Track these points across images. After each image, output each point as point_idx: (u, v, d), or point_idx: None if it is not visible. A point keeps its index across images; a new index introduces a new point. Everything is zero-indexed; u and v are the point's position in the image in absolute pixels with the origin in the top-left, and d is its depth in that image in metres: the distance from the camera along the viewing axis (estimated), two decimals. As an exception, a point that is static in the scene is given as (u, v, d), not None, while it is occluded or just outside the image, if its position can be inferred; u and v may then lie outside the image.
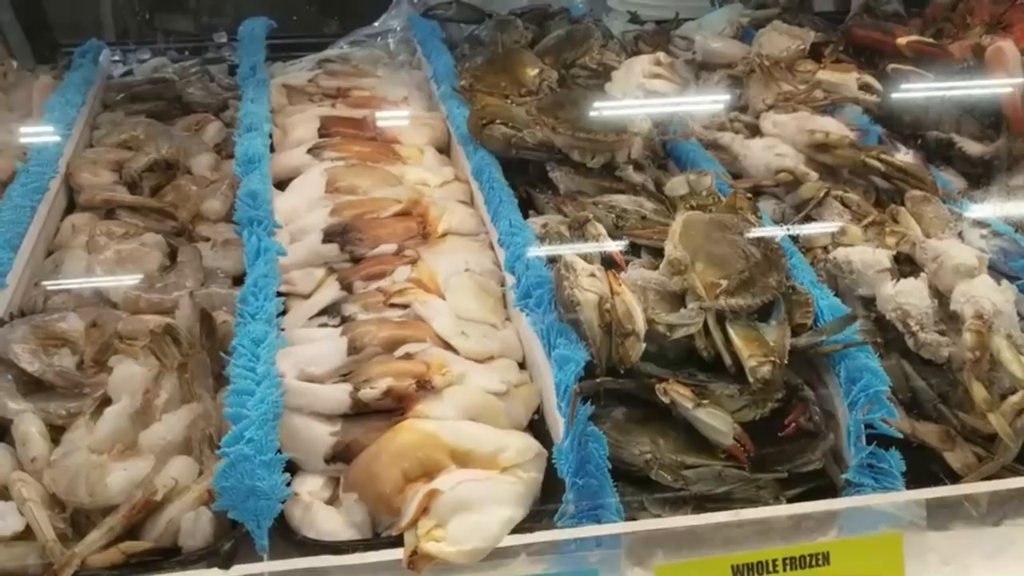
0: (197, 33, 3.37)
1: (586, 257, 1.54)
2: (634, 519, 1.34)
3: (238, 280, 1.71)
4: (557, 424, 1.39)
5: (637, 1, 4.12)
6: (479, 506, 1.30)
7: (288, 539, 1.31)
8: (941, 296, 1.56)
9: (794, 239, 1.72)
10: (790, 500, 1.41)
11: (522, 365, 1.59)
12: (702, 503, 1.36)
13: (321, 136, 2.16)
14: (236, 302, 1.53)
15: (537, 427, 1.48)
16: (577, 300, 1.42)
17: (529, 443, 1.40)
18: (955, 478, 1.46)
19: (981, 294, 1.50)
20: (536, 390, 1.52)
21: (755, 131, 2.09)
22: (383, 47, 2.83)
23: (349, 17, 3.11)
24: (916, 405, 1.57)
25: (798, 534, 1.37)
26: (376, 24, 2.91)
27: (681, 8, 3.60)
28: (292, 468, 1.42)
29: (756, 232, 1.54)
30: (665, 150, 2.05)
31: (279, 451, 1.33)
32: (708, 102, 2.24)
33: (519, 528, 1.31)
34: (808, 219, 1.79)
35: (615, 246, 1.56)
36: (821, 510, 1.35)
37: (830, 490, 1.43)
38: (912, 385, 1.57)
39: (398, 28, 2.87)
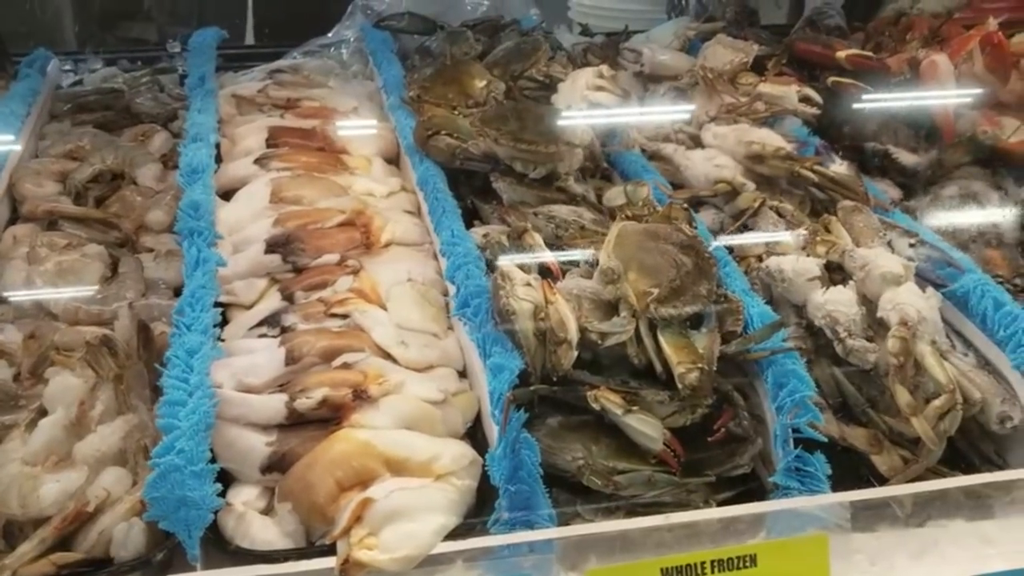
0: (159, 42, 3.35)
1: (524, 267, 1.57)
2: (567, 524, 1.36)
3: (180, 291, 1.71)
4: (493, 432, 1.41)
5: (598, 12, 4.20)
6: (412, 514, 1.31)
7: (222, 549, 1.32)
8: (869, 303, 1.61)
9: (730, 248, 1.75)
10: (721, 503, 1.44)
11: (464, 374, 1.61)
12: (634, 508, 1.39)
13: (269, 146, 2.17)
14: (173, 313, 1.53)
15: (477, 434, 1.50)
16: (512, 309, 1.44)
17: (464, 451, 1.41)
18: (883, 481, 1.51)
19: (906, 301, 1.55)
20: (475, 398, 1.53)
21: (699, 142, 2.13)
22: (336, 57, 2.84)
23: (308, 26, 3.12)
24: (846, 410, 1.61)
25: (727, 537, 1.40)
26: (330, 35, 2.92)
27: (640, 20, 3.68)
28: (230, 478, 1.43)
29: (689, 241, 1.57)
30: (609, 161, 2.08)
31: (212, 461, 1.34)
32: (656, 113, 2.28)
33: (453, 535, 1.32)
34: (745, 228, 1.83)
35: (551, 256, 1.58)
36: (749, 513, 1.38)
37: (761, 493, 1.46)
38: (842, 390, 1.61)
39: (352, 39, 2.89)
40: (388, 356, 1.55)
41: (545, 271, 1.57)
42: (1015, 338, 1.53)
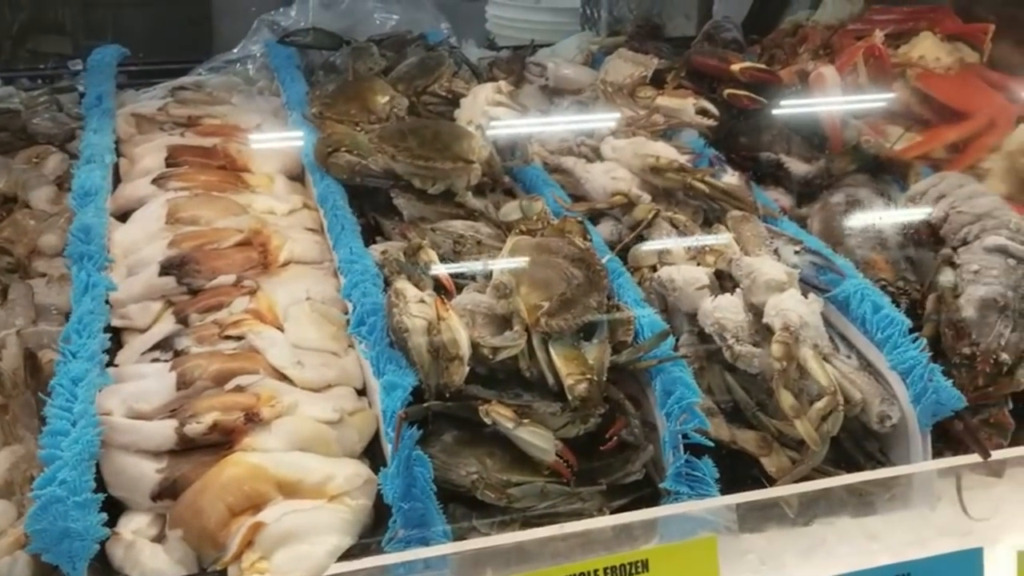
0: (76, 57, 3.27)
1: (419, 283, 1.58)
2: (463, 539, 1.37)
3: (72, 317, 1.67)
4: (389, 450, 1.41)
5: (515, 24, 4.24)
6: (305, 536, 1.31)
7: (110, 580, 1.30)
8: (756, 310, 1.66)
9: (624, 259, 1.79)
10: (616, 511, 1.47)
11: (364, 392, 1.61)
12: (530, 519, 1.41)
13: (169, 166, 2.14)
14: (60, 340, 1.50)
15: (377, 453, 1.50)
16: (405, 327, 1.45)
17: (359, 470, 1.42)
18: (773, 482, 1.56)
19: (789, 307, 1.60)
20: (373, 417, 1.54)
21: (601, 155, 2.17)
22: (243, 73, 2.82)
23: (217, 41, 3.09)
24: (738, 413, 1.66)
25: (622, 544, 1.43)
26: (235, 50, 2.89)
27: (555, 32, 3.73)
28: (124, 507, 1.41)
29: (580, 254, 1.60)
30: (512, 175, 2.10)
31: (103, 490, 1.32)
32: (559, 126, 2.31)
33: (347, 555, 1.32)
34: (641, 239, 1.87)
35: (445, 272, 1.60)
36: (640, 519, 1.41)
37: (658, 499, 1.50)
38: (733, 395, 1.66)
39: (258, 54, 2.87)
40: (284, 377, 1.55)
41: (441, 287, 1.59)
42: (892, 340, 1.60)
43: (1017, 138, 2.09)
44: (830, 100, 2.19)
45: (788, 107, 2.29)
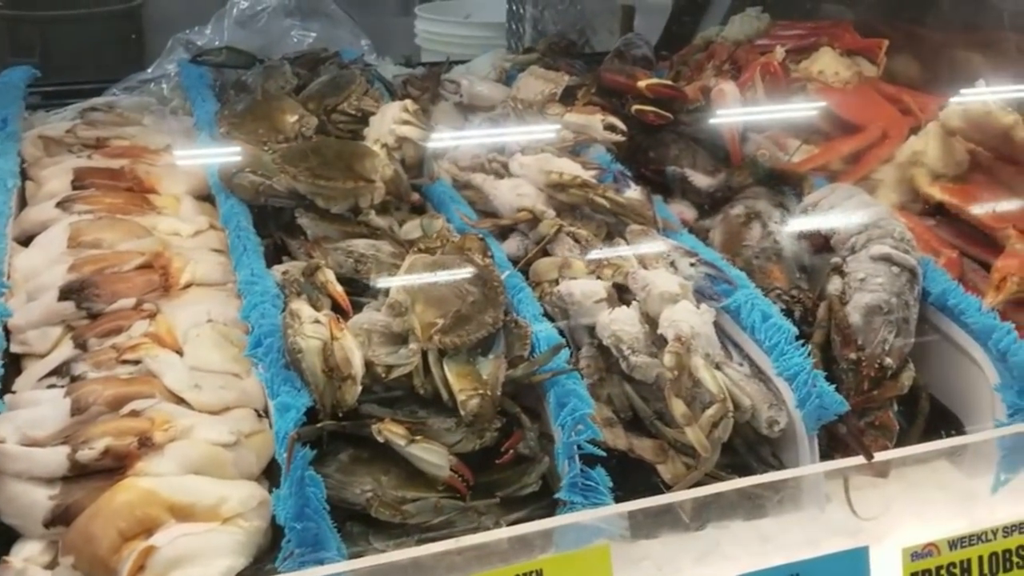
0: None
1: (317, 303, 1.59)
2: (360, 556, 1.39)
3: (-34, 345, 1.65)
4: (286, 470, 1.42)
5: (444, 39, 4.27)
6: (197, 559, 1.32)
7: (-2, 610, 1.28)
8: (652, 321, 1.70)
9: (526, 274, 1.83)
10: (515, 522, 1.49)
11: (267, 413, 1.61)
12: (426, 534, 1.43)
13: (75, 188, 2.12)
14: (-51, 369, 1.49)
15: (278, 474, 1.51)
16: (299, 347, 1.46)
17: (253, 492, 1.42)
18: (670, 488, 1.60)
19: (681, 318, 1.65)
20: (272, 438, 1.54)
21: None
22: (157, 93, 2.80)
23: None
24: (638, 423, 1.70)
25: (519, 555, 1.45)
26: (149, 70, 2.88)
27: (483, 46, 3.77)
28: (17, 535, 1.40)
29: (478, 271, 1.63)
30: (421, 192, 2.13)
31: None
32: (471, 140, 2.34)
33: (241, 576, 1.33)
34: (545, 254, 1.91)
35: (342, 291, 1.61)
36: (535, 530, 1.44)
37: (555, 510, 1.53)
38: (632, 404, 1.70)
39: (173, 73, 2.85)
40: (182, 400, 1.55)
41: (338, 307, 1.60)
42: (779, 347, 1.65)
43: (908, 149, 2.18)
44: (732, 115, 2.26)
45: (693, 122, 2.36)
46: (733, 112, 2.25)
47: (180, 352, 1.64)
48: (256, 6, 3.04)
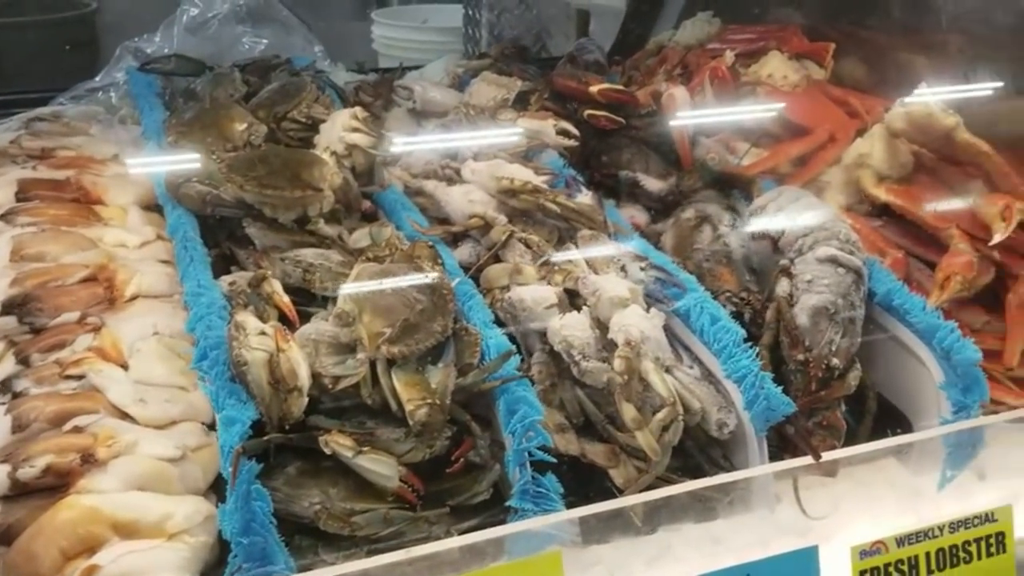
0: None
1: (263, 315, 1.58)
2: (309, 569, 1.37)
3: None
4: (233, 484, 1.40)
5: (401, 44, 4.26)
6: (141, 576, 1.29)
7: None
8: (603, 326, 1.71)
9: (478, 281, 1.83)
10: (467, 531, 1.49)
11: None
12: (377, 546, 1.42)
13: (19, 200, 2.08)
14: None
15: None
16: (244, 360, 1.44)
17: (199, 507, 1.40)
18: (623, 493, 1.61)
19: (631, 323, 1.66)
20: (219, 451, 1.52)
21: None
22: (105, 102, 2.76)
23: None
24: (590, 428, 1.71)
25: (471, 564, 1.44)
26: (97, 78, 2.83)
27: (440, 51, 3.76)
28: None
29: (426, 279, 1.62)
30: (373, 200, 2.12)
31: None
32: (422, 147, 2.33)
33: (187, 593, 1.31)
34: (497, 260, 1.91)
35: (288, 301, 1.60)
36: (486, 539, 1.43)
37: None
38: (585, 410, 1.70)
39: (121, 81, 2.81)
40: (126, 415, 1.52)
41: (285, 318, 1.59)
42: (727, 349, 1.67)
43: (854, 151, 2.21)
44: (683, 119, 2.28)
45: (645, 127, 2.38)
46: (684, 116, 2.26)
47: (125, 366, 1.62)
48: (207, 13, 3.01)
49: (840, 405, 1.75)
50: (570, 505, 1.51)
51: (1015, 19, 2.33)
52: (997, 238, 1.90)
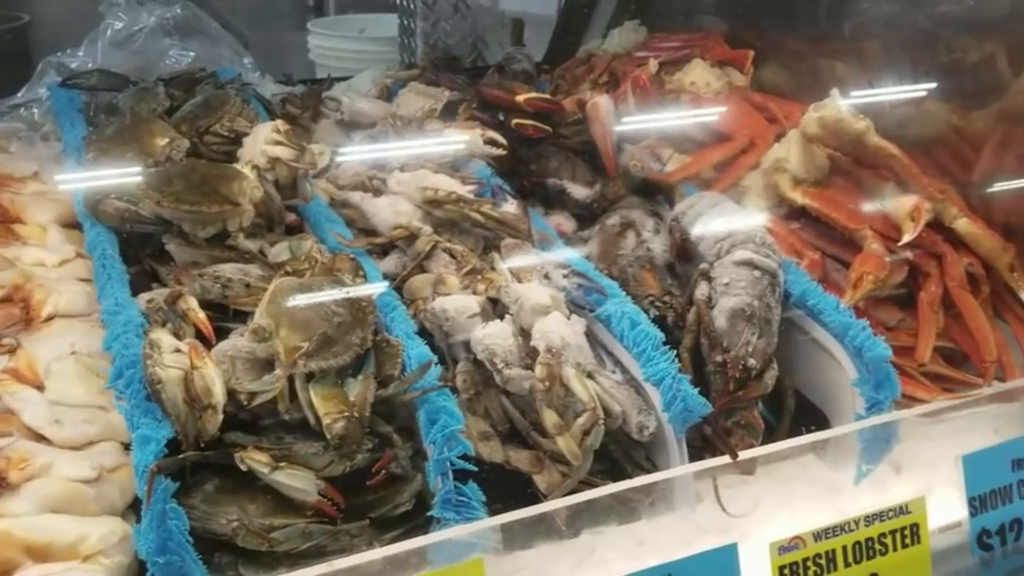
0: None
1: (179, 332, 1.57)
2: (228, 585, 1.37)
3: None
4: (149, 504, 1.39)
5: (338, 54, 4.24)
6: (54, 601, 1.28)
7: None
8: (527, 334, 1.73)
9: (400, 292, 1.84)
10: (391, 542, 1.49)
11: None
12: (299, 560, 1.42)
13: (-66, 220, 2.04)
14: None
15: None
16: (159, 378, 1.43)
17: (114, 527, 1.39)
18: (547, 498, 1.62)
19: (552, 330, 1.68)
20: (138, 470, 1.51)
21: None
22: (27, 118, 2.71)
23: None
24: (516, 435, 1.72)
25: (393, 575, 1.45)
26: (19, 95, 2.78)
27: (377, 61, 3.75)
28: None
29: (345, 292, 1.62)
30: (298, 213, 2.11)
31: None
32: (358, 155, 2.33)
33: (102, 616, 1.30)
34: (422, 271, 1.92)
35: (204, 318, 1.59)
36: (407, 549, 1.44)
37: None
38: (510, 417, 1.72)
39: (44, 97, 2.76)
40: (42, 438, 1.50)
41: (201, 335, 1.58)
42: (646, 353, 1.70)
43: (772, 156, 2.26)
44: (608, 127, 2.31)
45: (571, 135, 2.41)
46: (608, 124, 2.30)
47: (41, 387, 1.60)
48: (132, 26, 2.96)
49: (758, 404, 1.80)
50: (496, 512, 1.52)
51: (929, 24, 2.41)
52: (906, 238, 1.97)
